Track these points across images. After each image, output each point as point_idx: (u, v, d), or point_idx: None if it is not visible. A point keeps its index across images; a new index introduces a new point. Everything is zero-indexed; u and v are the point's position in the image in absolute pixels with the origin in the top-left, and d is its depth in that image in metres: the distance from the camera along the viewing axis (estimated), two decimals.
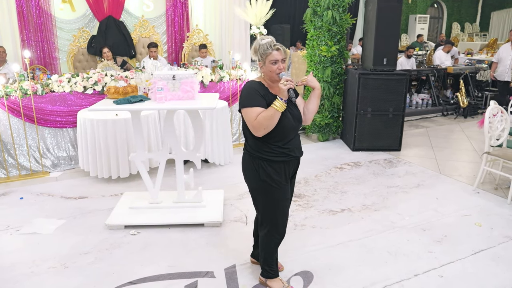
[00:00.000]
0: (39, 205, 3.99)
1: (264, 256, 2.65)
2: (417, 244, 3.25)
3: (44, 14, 6.95)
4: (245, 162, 2.51)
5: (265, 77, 2.42)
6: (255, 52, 2.40)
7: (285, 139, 2.42)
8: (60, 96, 4.87)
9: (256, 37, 6.02)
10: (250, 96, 2.37)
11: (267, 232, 2.56)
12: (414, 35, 13.47)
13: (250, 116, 2.33)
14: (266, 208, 2.53)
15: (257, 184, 2.47)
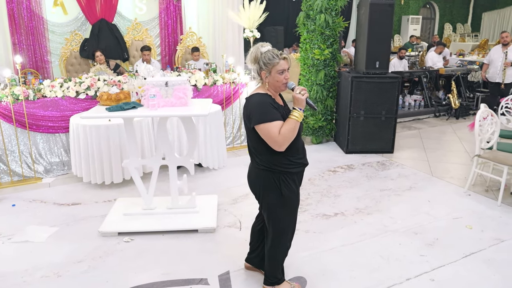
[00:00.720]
0: (31, 212, 3.97)
1: (276, 266, 2.66)
2: (409, 248, 3.28)
3: (35, 18, 6.92)
4: (262, 179, 2.41)
5: (269, 87, 2.37)
6: (255, 60, 2.34)
7: (299, 148, 2.43)
8: (52, 101, 4.84)
9: (249, 41, 6.05)
10: (265, 111, 2.28)
11: (281, 242, 2.57)
12: (407, 35, 13.55)
13: (272, 131, 2.25)
14: (283, 220, 2.52)
15: (278, 200, 2.43)
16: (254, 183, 2.49)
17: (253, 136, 2.37)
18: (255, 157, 2.42)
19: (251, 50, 2.37)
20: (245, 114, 2.37)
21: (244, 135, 6.01)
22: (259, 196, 2.51)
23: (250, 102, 2.35)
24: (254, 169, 2.46)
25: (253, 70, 2.42)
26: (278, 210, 2.47)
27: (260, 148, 2.37)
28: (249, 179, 2.54)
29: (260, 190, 2.46)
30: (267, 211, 2.50)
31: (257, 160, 2.41)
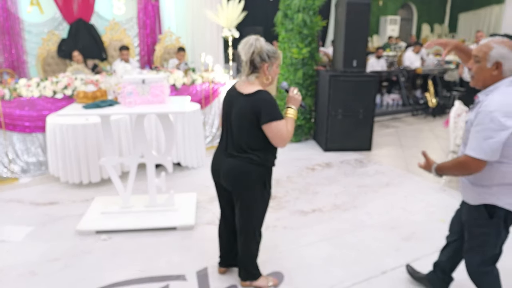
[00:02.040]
0: (7, 212, 3.91)
1: (252, 260, 2.71)
2: (385, 242, 3.35)
3: (11, 17, 6.80)
4: (252, 174, 2.42)
5: (266, 81, 2.38)
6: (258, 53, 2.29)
7: None
8: (28, 101, 4.78)
9: (228, 40, 6.07)
10: (277, 109, 2.31)
11: (254, 236, 2.62)
12: (385, 36, 13.76)
13: (282, 128, 2.31)
14: (261, 214, 2.60)
15: (262, 194, 2.50)
16: (238, 179, 2.44)
17: (253, 132, 2.36)
18: (249, 154, 2.39)
19: (249, 42, 2.29)
20: (250, 110, 2.32)
21: None
22: (240, 193, 2.49)
23: (260, 99, 2.31)
24: (241, 165, 2.41)
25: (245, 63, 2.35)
26: (260, 205, 2.53)
27: (257, 144, 2.39)
28: (229, 175, 2.47)
29: (246, 185, 2.45)
30: (248, 206, 2.51)
31: (250, 156, 2.39)
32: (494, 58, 1.98)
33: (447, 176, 2.23)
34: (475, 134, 1.99)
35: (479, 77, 2.07)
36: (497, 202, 2.08)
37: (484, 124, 1.95)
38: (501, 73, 2.00)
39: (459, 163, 2.07)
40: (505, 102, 1.93)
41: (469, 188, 2.17)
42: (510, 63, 1.97)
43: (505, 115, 1.91)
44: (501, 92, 1.97)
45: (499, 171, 2.03)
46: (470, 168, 2.02)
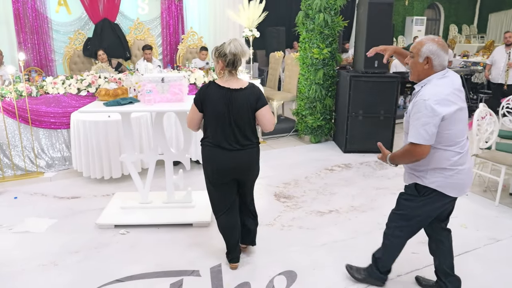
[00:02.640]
0: (32, 204, 4.06)
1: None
2: None
3: (40, 17, 7.04)
4: (257, 155, 2.79)
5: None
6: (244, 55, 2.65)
7: None
8: (54, 98, 4.94)
9: (249, 40, 6.10)
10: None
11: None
12: (411, 37, 13.53)
13: (270, 110, 2.72)
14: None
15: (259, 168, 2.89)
16: (256, 164, 2.81)
17: (253, 119, 2.67)
18: (253, 138, 2.72)
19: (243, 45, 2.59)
20: (253, 98, 2.63)
21: None
22: (255, 175, 2.87)
23: (257, 88, 2.69)
24: (254, 152, 2.76)
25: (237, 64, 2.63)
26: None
27: (255, 127, 2.73)
28: (250, 165, 2.77)
29: (258, 167, 2.85)
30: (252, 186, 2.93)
31: (254, 140, 2.74)
32: (425, 54, 2.23)
33: (400, 164, 2.43)
34: (413, 122, 2.23)
35: (414, 71, 2.32)
36: (429, 184, 2.33)
37: (420, 112, 2.18)
38: (432, 67, 2.25)
39: (405, 151, 2.28)
40: (436, 92, 2.18)
41: (407, 171, 2.47)
42: (440, 59, 2.23)
43: (437, 103, 2.15)
44: (433, 84, 2.23)
45: (434, 156, 2.28)
46: (415, 154, 2.24)
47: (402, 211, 2.53)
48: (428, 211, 2.43)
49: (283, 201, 4.13)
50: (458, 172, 2.30)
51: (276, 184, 4.54)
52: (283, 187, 4.48)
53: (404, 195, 2.52)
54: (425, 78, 2.28)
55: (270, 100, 6.80)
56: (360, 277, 2.81)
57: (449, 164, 2.29)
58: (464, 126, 2.28)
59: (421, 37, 2.37)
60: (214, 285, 2.77)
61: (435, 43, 2.22)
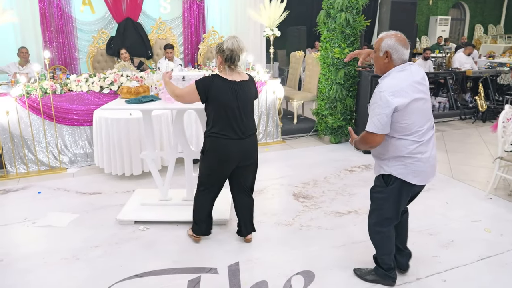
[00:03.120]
0: (55, 199, 4.16)
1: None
2: (422, 248, 3.24)
3: (65, 16, 7.20)
4: (256, 143, 3.07)
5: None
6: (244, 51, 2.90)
7: None
8: (78, 95, 5.04)
9: (270, 39, 6.10)
10: None
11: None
12: (434, 37, 13.30)
13: None
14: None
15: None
16: (255, 151, 3.04)
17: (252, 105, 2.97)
18: (254, 127, 3.00)
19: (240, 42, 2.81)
20: (254, 89, 2.97)
21: (264, 133, 6.07)
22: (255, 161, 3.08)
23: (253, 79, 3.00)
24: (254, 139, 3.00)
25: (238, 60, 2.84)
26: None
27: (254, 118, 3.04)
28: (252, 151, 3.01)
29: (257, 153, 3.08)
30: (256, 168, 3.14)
31: (255, 130, 3.00)
32: (384, 48, 2.37)
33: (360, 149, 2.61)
34: (370, 112, 2.38)
35: (376, 64, 2.47)
36: (391, 172, 2.47)
37: (376, 103, 2.33)
38: (391, 61, 2.38)
39: (362, 138, 2.46)
40: (392, 84, 2.32)
41: (375, 161, 2.62)
42: (398, 53, 2.35)
43: (392, 94, 2.29)
44: (391, 77, 2.36)
45: (392, 144, 2.42)
46: (368, 141, 2.41)
47: (375, 205, 2.68)
48: (397, 200, 2.55)
49: (302, 201, 4.11)
50: (417, 160, 2.42)
51: (295, 184, 4.52)
52: (302, 187, 4.46)
53: (374, 189, 2.66)
54: (386, 71, 2.41)
55: (290, 99, 6.78)
56: (371, 278, 2.84)
57: (407, 152, 2.41)
58: (423, 117, 2.39)
59: (382, 33, 2.48)
60: (232, 283, 2.78)
61: (393, 38, 2.36)
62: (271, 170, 5.06)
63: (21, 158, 4.89)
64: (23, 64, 6.27)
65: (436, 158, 2.52)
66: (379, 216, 2.65)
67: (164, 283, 2.78)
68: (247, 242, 3.26)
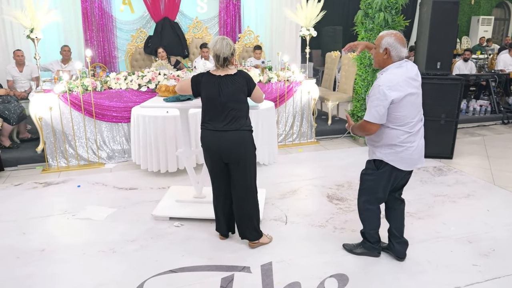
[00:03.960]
0: (94, 193, 4.29)
1: (257, 219, 3.19)
2: (461, 256, 3.14)
3: (105, 16, 7.42)
4: (249, 139, 3.02)
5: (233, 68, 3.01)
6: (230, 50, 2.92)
7: None
8: (116, 93, 5.17)
9: (305, 39, 6.06)
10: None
11: (256, 198, 3.15)
12: (476, 37, 12.83)
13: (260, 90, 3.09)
14: (255, 175, 3.13)
15: (254, 155, 3.09)
16: (241, 146, 2.98)
17: (245, 102, 3.00)
18: (245, 120, 2.99)
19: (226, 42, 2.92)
20: (244, 83, 2.96)
21: (297, 133, 6.04)
22: (241, 158, 2.99)
23: (244, 74, 3.00)
24: (239, 134, 2.96)
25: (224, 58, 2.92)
26: (253, 167, 3.09)
27: (246, 113, 3.01)
28: (231, 145, 2.96)
29: (246, 151, 3.00)
30: (249, 169, 3.05)
31: (246, 122, 3.00)
32: (384, 45, 2.62)
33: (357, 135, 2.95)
34: (369, 103, 2.66)
35: (376, 60, 2.73)
36: (382, 158, 2.75)
37: (374, 96, 2.60)
38: (390, 58, 2.63)
39: (360, 125, 2.75)
40: (390, 79, 2.58)
41: (369, 147, 2.88)
42: (396, 50, 2.60)
43: (389, 88, 2.55)
44: (390, 72, 2.62)
45: (386, 133, 2.69)
46: (366, 129, 2.71)
47: (365, 185, 2.94)
48: (385, 182, 2.83)
49: (336, 203, 4.06)
50: (406, 148, 2.70)
51: (329, 186, 4.47)
52: (336, 188, 4.40)
53: (366, 171, 2.93)
54: (384, 66, 2.67)
55: (325, 100, 6.71)
56: (360, 251, 3.12)
57: (399, 141, 2.68)
58: (415, 110, 2.67)
59: (382, 32, 2.72)
60: (265, 283, 2.78)
61: (393, 37, 2.61)
62: (304, 170, 5.03)
63: (62, 153, 5.07)
64: (66, 62, 6.50)
65: (423, 147, 2.81)
66: (369, 195, 2.93)
67: (197, 280, 2.81)
68: (251, 247, 3.20)
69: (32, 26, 4.76)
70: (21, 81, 6.21)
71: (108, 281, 2.80)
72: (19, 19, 4.77)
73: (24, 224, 3.62)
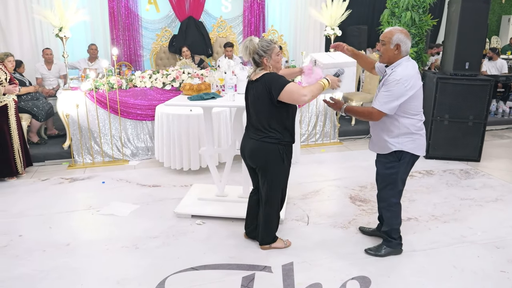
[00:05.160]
0: (118, 189, 4.36)
1: (271, 227, 3.11)
2: (488, 262, 3.05)
3: (132, 15, 7.53)
4: (271, 152, 2.83)
5: (272, 68, 2.78)
6: (253, 52, 2.73)
7: (294, 127, 2.93)
8: (141, 91, 5.24)
9: (330, 38, 6.00)
10: (281, 78, 2.73)
11: (275, 211, 3.05)
12: (507, 37, 12.44)
13: (294, 88, 2.69)
14: (278, 187, 2.98)
15: (280, 169, 2.91)
16: (259, 156, 2.87)
17: (269, 111, 2.76)
18: (266, 134, 2.79)
19: (245, 45, 2.75)
20: (263, 91, 2.72)
21: (320, 133, 5.99)
22: (263, 168, 2.90)
23: (268, 78, 2.72)
24: (261, 144, 2.82)
25: (250, 62, 2.81)
26: (278, 177, 2.94)
27: (275, 125, 2.78)
28: (252, 155, 2.90)
29: (266, 161, 2.86)
30: (268, 180, 2.92)
31: (269, 135, 2.79)
32: (396, 41, 2.72)
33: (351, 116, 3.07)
34: (384, 93, 2.72)
35: (385, 55, 2.79)
36: (402, 148, 2.82)
37: (393, 89, 2.67)
38: (400, 53, 2.74)
39: (368, 111, 2.80)
40: (406, 74, 2.69)
41: (382, 141, 2.88)
42: (406, 46, 2.74)
43: (408, 83, 2.67)
44: (404, 66, 2.72)
45: (403, 123, 2.79)
46: (373, 117, 2.79)
47: (389, 180, 2.94)
48: (407, 172, 2.94)
49: (359, 204, 4.01)
50: (421, 135, 2.85)
51: (352, 187, 4.42)
52: (359, 190, 4.35)
53: (386, 166, 2.92)
54: (395, 61, 2.76)
55: (349, 100, 6.64)
56: (384, 252, 3.09)
57: (415, 129, 2.82)
58: (421, 101, 2.83)
59: (393, 27, 2.81)
60: (286, 283, 2.76)
61: (402, 33, 2.74)
62: (327, 171, 4.98)
63: (88, 149, 5.18)
64: (92, 60, 6.64)
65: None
66: (394, 189, 2.96)
67: (219, 278, 2.82)
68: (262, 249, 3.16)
69: (61, 25, 4.88)
70: (50, 78, 6.39)
71: (131, 276, 2.84)
72: (49, 18, 4.89)
73: (50, 218, 3.71)
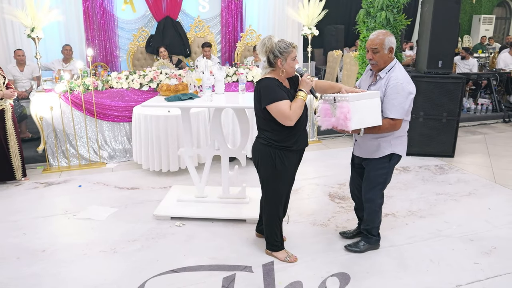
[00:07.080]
0: (95, 193, 4.28)
1: (271, 231, 2.99)
2: (462, 255, 3.14)
3: (107, 15, 7.42)
4: (262, 152, 2.77)
5: (285, 72, 2.66)
6: (269, 51, 2.60)
7: (302, 129, 2.79)
8: (118, 92, 5.17)
9: (307, 38, 6.05)
10: (276, 91, 2.61)
11: (271, 214, 2.94)
12: (478, 36, 12.81)
13: (283, 108, 2.58)
14: (272, 190, 2.87)
15: (272, 172, 2.78)
16: (253, 155, 2.86)
17: (260, 114, 2.71)
18: (260, 135, 2.78)
19: (262, 42, 2.63)
20: (256, 95, 2.69)
21: None
22: (257, 168, 2.88)
23: (260, 86, 2.67)
24: (256, 144, 2.83)
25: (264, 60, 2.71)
26: (272, 181, 2.84)
27: (264, 126, 2.73)
28: (251, 152, 2.91)
29: (258, 162, 2.83)
30: (263, 181, 2.88)
31: (262, 137, 2.77)
32: (388, 45, 2.74)
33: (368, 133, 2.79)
34: (392, 101, 2.69)
35: (381, 62, 2.76)
36: (393, 150, 2.85)
37: (398, 93, 2.66)
38: (392, 55, 2.76)
39: (389, 124, 2.70)
40: (405, 75, 2.72)
41: (374, 146, 2.86)
42: (394, 47, 2.77)
43: (409, 83, 2.71)
44: (399, 69, 2.75)
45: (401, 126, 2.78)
46: (395, 127, 2.74)
47: (379, 181, 2.96)
48: (392, 171, 3.00)
49: (338, 202, 4.06)
50: (406, 136, 2.92)
51: (331, 185, 4.47)
52: (338, 187, 4.40)
53: (377, 167, 2.92)
54: (388, 65, 2.76)
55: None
56: (364, 248, 3.13)
57: (404, 131, 2.88)
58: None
59: (376, 32, 2.79)
60: (266, 282, 2.77)
61: (391, 36, 2.75)
62: (306, 169, 5.01)
63: (63, 152, 5.07)
64: (67, 61, 6.51)
65: None
66: (381, 190, 3.00)
67: (199, 279, 2.81)
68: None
69: (33, 26, 4.76)
70: (22, 80, 6.23)
71: (110, 281, 2.79)
72: (20, 18, 4.77)
73: (25, 224, 3.62)
